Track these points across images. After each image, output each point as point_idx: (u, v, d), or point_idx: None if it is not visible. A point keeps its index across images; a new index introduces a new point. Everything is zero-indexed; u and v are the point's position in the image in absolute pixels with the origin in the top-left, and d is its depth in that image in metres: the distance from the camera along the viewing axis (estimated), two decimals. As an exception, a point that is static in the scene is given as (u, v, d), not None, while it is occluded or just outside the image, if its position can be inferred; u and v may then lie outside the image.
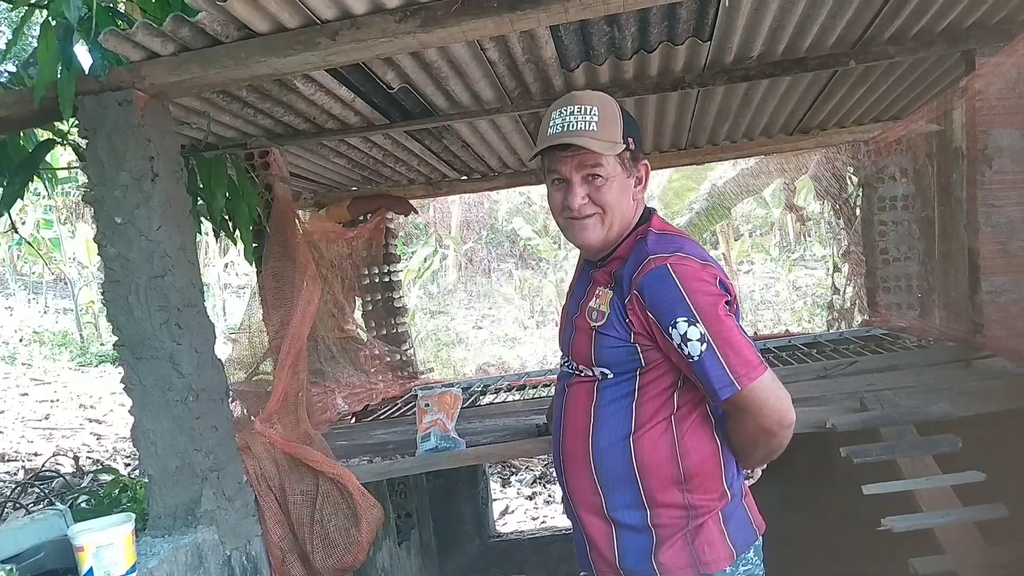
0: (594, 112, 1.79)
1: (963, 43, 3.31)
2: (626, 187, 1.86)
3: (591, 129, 1.77)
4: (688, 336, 1.69)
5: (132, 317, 2.53)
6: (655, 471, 1.80)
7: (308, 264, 3.53)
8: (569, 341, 1.93)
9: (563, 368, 2.00)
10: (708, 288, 1.72)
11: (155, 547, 2.46)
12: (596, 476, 1.86)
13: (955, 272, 3.96)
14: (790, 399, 1.77)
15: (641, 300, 1.73)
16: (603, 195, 1.82)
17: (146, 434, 2.59)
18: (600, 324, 1.81)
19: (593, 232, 1.86)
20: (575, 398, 1.92)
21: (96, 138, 2.50)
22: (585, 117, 1.79)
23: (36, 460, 7.04)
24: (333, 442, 3.34)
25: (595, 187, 1.82)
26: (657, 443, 1.80)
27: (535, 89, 3.46)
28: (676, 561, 1.80)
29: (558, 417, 1.99)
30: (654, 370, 1.80)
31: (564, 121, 1.80)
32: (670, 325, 1.70)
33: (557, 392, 2.04)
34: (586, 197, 1.83)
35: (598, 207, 1.83)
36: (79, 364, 12.15)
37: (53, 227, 13.58)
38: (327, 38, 2.35)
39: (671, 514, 1.81)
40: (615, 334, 1.79)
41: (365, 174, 4.70)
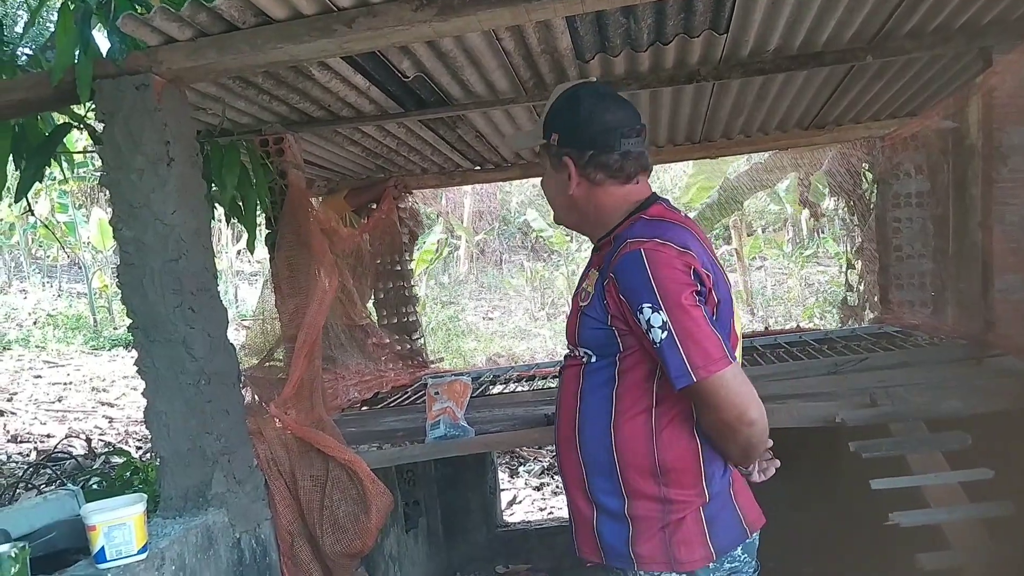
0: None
1: (981, 40, 3.30)
2: (558, 181, 1.94)
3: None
4: (652, 323, 1.70)
5: (146, 300, 2.55)
6: (632, 460, 1.82)
7: (324, 253, 3.54)
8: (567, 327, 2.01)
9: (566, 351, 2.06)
10: (677, 276, 1.71)
11: (166, 528, 2.49)
12: (581, 459, 1.89)
13: (968, 270, 3.94)
14: (755, 397, 1.75)
15: (616, 283, 1.75)
16: (542, 186, 2.04)
17: (158, 416, 2.61)
18: (585, 304, 1.85)
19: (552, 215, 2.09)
20: (567, 381, 1.96)
21: (113, 122, 2.51)
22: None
23: (49, 442, 7.10)
24: (343, 428, 3.36)
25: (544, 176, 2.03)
26: (636, 433, 1.81)
27: (550, 80, 3.46)
28: (652, 554, 1.81)
29: (557, 399, 2.04)
30: (632, 356, 1.80)
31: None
32: (637, 310, 1.71)
33: (559, 375, 2.08)
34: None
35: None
36: (92, 347, 12.23)
37: (68, 211, 13.66)
38: (343, 25, 2.36)
39: (647, 506, 1.82)
40: (595, 315, 1.83)
41: (379, 162, 4.71)
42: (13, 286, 16.26)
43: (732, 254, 16.19)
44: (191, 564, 2.44)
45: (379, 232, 5.12)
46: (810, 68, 3.44)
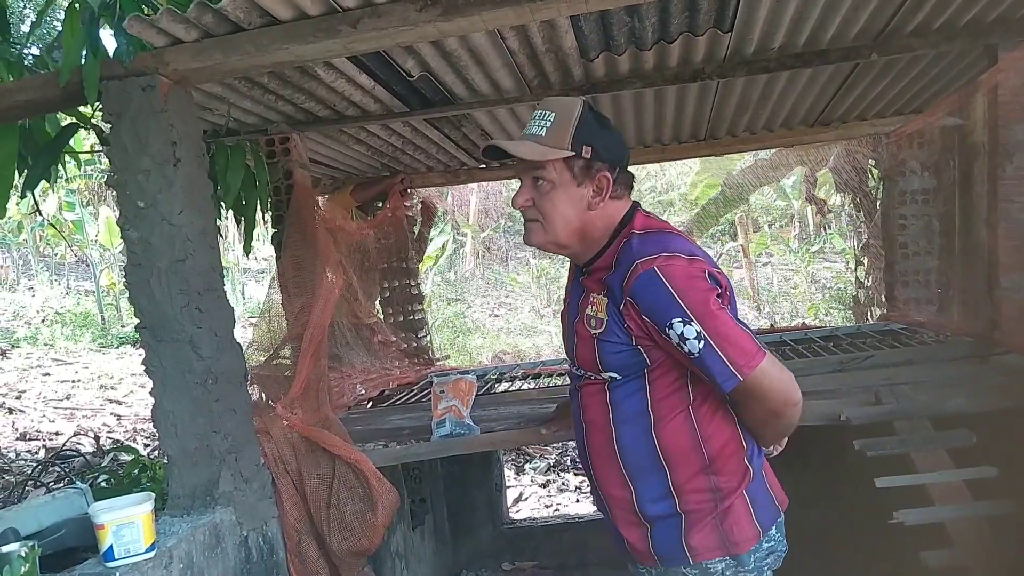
0: (550, 117, 1.83)
1: (986, 37, 3.29)
2: (575, 196, 1.86)
3: (540, 134, 1.82)
4: (685, 335, 1.71)
5: (153, 300, 2.57)
6: (681, 460, 1.83)
7: (330, 252, 3.56)
8: (573, 348, 1.96)
9: (571, 371, 2.03)
10: (698, 284, 1.74)
11: (174, 526, 2.50)
12: (624, 470, 1.88)
13: (973, 268, 3.93)
14: (792, 377, 1.80)
15: (635, 306, 1.75)
16: (544, 202, 1.87)
17: (166, 415, 2.63)
18: (600, 331, 1.83)
19: (534, 236, 1.93)
20: (589, 399, 1.94)
21: (120, 123, 2.53)
22: (540, 122, 1.84)
23: (57, 439, 7.14)
24: (349, 427, 3.38)
25: (539, 192, 1.87)
26: (679, 433, 1.83)
27: (555, 79, 3.46)
28: (706, 542, 1.83)
29: (576, 416, 2.02)
30: (661, 366, 1.82)
31: (528, 124, 1.88)
32: (666, 326, 1.72)
33: (571, 392, 2.06)
34: (530, 200, 1.89)
35: (539, 213, 1.89)
36: (100, 345, 12.29)
37: (75, 209, 13.72)
38: (348, 26, 2.37)
39: (699, 498, 1.83)
40: (617, 339, 1.81)
41: (384, 161, 4.73)
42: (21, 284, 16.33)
43: (738, 250, 16.18)
44: (199, 562, 2.45)
45: (385, 229, 5.13)
46: (815, 66, 3.44)
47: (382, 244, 5.19)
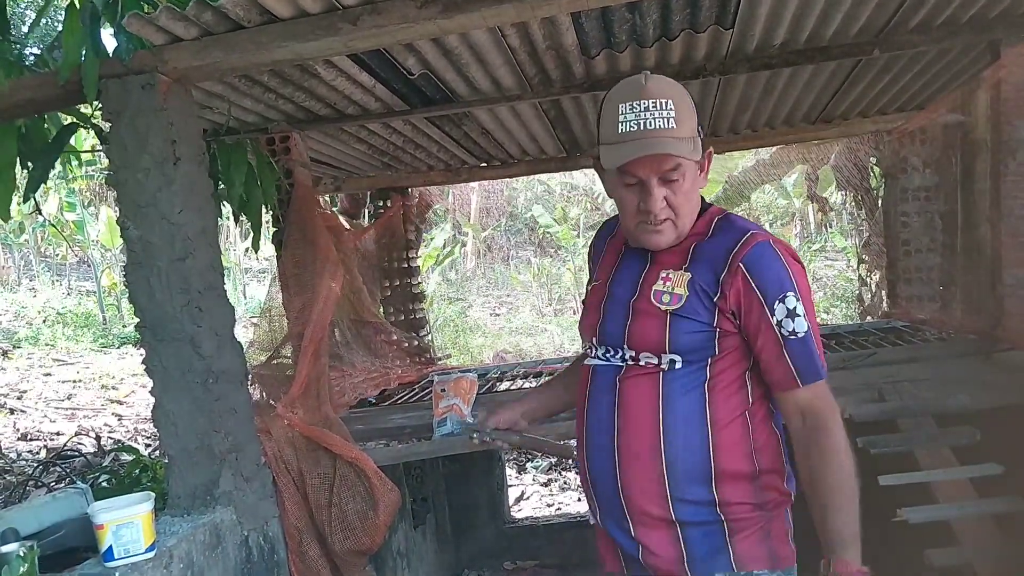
0: (670, 107, 1.62)
1: (989, 33, 3.28)
2: (698, 182, 1.73)
3: (670, 127, 1.61)
4: (796, 312, 1.64)
5: (153, 299, 2.56)
6: (733, 466, 1.71)
7: (330, 251, 3.55)
8: (623, 328, 1.75)
9: (603, 360, 1.82)
10: (801, 271, 1.71)
11: (174, 526, 2.50)
12: (666, 472, 1.70)
13: (976, 265, 3.92)
14: None
15: (747, 276, 1.65)
16: (678, 197, 1.68)
17: (166, 415, 2.62)
18: (676, 307, 1.68)
19: (666, 237, 1.72)
20: (635, 392, 1.74)
21: (119, 121, 2.52)
22: (662, 113, 1.62)
23: (58, 439, 7.13)
24: (351, 426, 3.37)
25: (672, 188, 1.67)
26: (736, 438, 1.72)
27: (556, 76, 3.45)
28: (753, 552, 1.72)
29: (601, 407, 1.80)
30: (725, 359, 1.71)
31: (639, 119, 1.62)
32: (777, 299, 1.64)
33: (595, 389, 1.82)
34: (664, 200, 1.68)
35: (672, 210, 1.69)
36: (101, 345, 12.28)
37: (76, 209, 13.71)
38: (348, 23, 2.36)
39: (745, 510, 1.72)
40: (697, 317, 1.68)
41: (385, 160, 4.71)
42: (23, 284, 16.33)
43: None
44: (199, 562, 2.44)
45: (384, 229, 5.14)
46: (817, 62, 3.42)
47: (383, 243, 5.19)
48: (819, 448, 1.67)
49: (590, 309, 1.88)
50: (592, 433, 1.81)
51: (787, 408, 1.72)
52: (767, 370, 1.70)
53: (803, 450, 1.70)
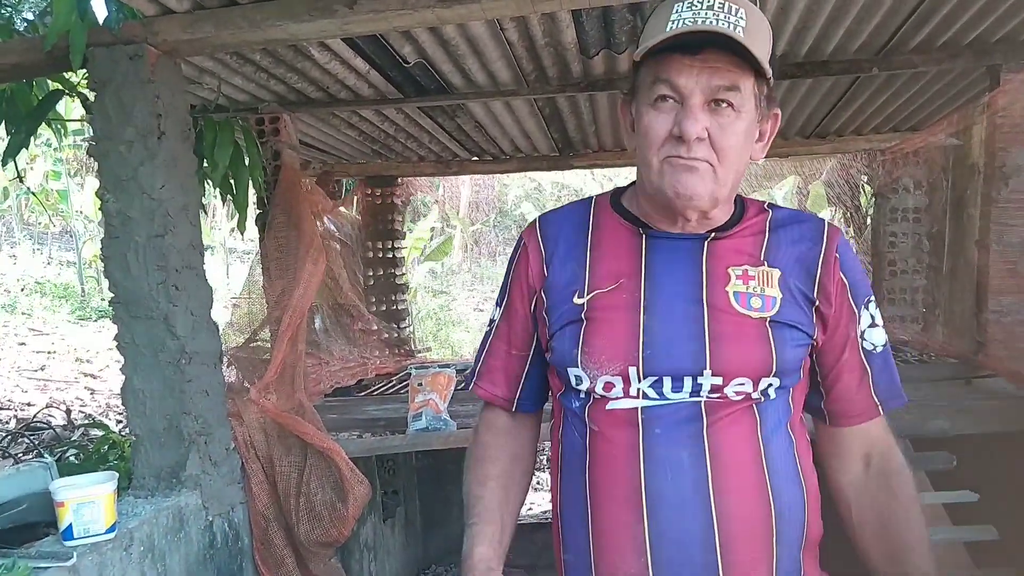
0: (740, 14, 1.16)
1: (989, 58, 3.27)
2: (752, 134, 1.26)
3: (736, 34, 1.14)
4: (876, 322, 1.32)
5: (129, 275, 2.51)
6: (816, 533, 1.34)
7: (314, 236, 3.50)
8: (701, 344, 1.23)
9: (656, 399, 1.24)
10: None
11: (137, 507, 2.45)
12: (777, 547, 1.25)
13: (961, 289, 3.93)
14: None
15: (843, 273, 1.29)
16: (727, 135, 1.19)
17: (136, 394, 2.57)
18: (773, 313, 1.25)
19: (702, 183, 1.20)
20: (733, 438, 1.24)
21: (105, 91, 2.47)
22: (729, 17, 1.15)
23: (29, 410, 7.04)
24: (325, 415, 3.33)
25: (720, 120, 1.18)
26: (818, 495, 1.34)
27: (552, 74, 3.42)
28: None
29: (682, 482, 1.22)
30: (800, 386, 1.32)
31: (697, 16, 1.15)
32: (863, 304, 1.31)
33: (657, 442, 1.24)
34: (705, 131, 1.18)
35: (714, 152, 1.19)
36: (78, 317, 12.16)
37: (61, 179, 13.57)
38: (345, 6, 2.32)
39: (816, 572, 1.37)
40: (800, 325, 1.26)
41: (375, 147, 4.67)
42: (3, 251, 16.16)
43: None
44: (160, 545, 2.40)
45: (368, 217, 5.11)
46: (815, 76, 3.41)
47: (369, 231, 5.15)
48: (905, 497, 1.33)
49: (605, 324, 1.27)
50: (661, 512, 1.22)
51: (851, 447, 1.35)
52: (841, 397, 1.33)
53: (873, 502, 1.34)
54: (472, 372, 1.47)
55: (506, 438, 1.46)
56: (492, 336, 1.45)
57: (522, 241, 1.41)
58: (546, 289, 1.34)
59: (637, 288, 1.28)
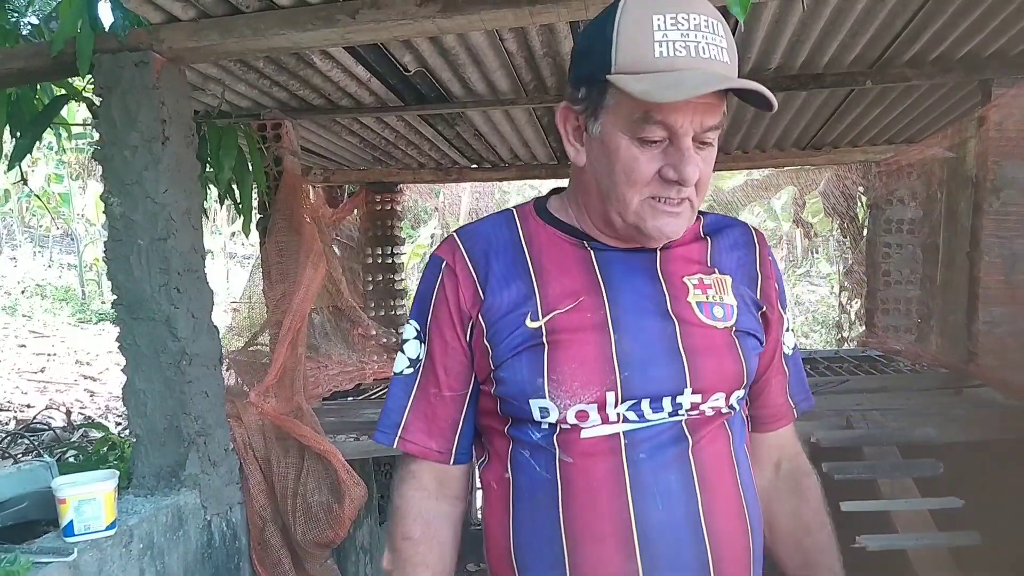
0: (721, 32, 1.06)
1: (981, 72, 3.32)
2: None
3: (725, 60, 1.05)
4: (789, 324, 1.30)
5: (131, 277, 2.55)
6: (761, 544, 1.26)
7: (314, 241, 3.55)
8: (679, 362, 1.14)
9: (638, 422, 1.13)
10: None
11: (137, 506, 2.49)
12: (753, 563, 1.21)
13: (955, 300, 3.97)
14: None
15: (775, 273, 1.26)
16: (707, 169, 1.12)
17: (136, 394, 2.61)
18: (733, 322, 1.18)
19: (685, 222, 1.14)
20: (714, 455, 1.17)
21: (110, 96, 2.51)
22: (714, 39, 1.05)
23: (29, 412, 7.08)
24: (323, 418, 3.36)
25: (704, 156, 1.10)
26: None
27: (551, 83, 3.46)
28: None
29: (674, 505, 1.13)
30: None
31: (687, 40, 1.03)
32: (784, 307, 1.28)
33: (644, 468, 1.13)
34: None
35: (694, 188, 1.11)
36: (79, 320, 12.20)
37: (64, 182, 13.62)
38: (347, 16, 2.36)
39: None
40: (756, 332, 1.22)
41: (376, 154, 4.72)
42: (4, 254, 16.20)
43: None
44: (159, 543, 2.44)
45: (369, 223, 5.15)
46: (810, 89, 3.45)
47: (368, 236, 5.19)
48: (814, 500, 1.32)
49: (573, 348, 1.13)
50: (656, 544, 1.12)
51: (767, 452, 1.33)
52: (768, 403, 1.31)
53: (785, 506, 1.32)
54: (387, 425, 1.24)
55: (441, 505, 1.29)
56: (418, 378, 1.22)
57: (442, 262, 1.21)
58: (484, 314, 1.16)
59: (600, 305, 1.15)
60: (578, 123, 1.16)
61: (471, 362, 1.19)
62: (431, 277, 1.21)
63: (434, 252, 1.23)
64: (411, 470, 1.26)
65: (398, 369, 1.24)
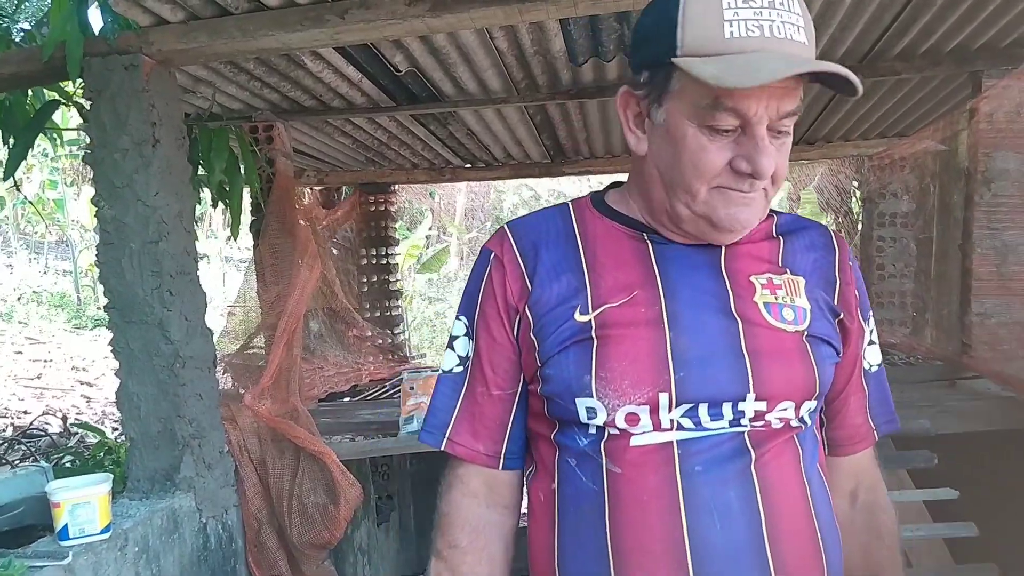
0: (797, 10, 0.96)
1: (970, 64, 3.32)
2: None
3: (802, 41, 0.96)
4: (873, 338, 1.19)
5: (124, 281, 2.55)
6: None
7: (308, 242, 3.55)
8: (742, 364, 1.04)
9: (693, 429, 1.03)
10: None
11: (131, 509, 2.49)
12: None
13: (948, 292, 3.97)
14: None
15: (858, 283, 1.16)
16: (783, 159, 1.03)
17: (130, 397, 2.61)
18: (806, 326, 1.07)
19: (758, 212, 1.05)
20: (780, 471, 1.05)
21: (100, 100, 2.51)
22: (790, 17, 0.95)
23: (25, 418, 7.06)
24: (318, 418, 3.36)
25: (779, 144, 1.02)
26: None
27: (542, 81, 3.47)
28: None
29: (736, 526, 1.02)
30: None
31: (760, 19, 0.94)
32: (867, 319, 1.17)
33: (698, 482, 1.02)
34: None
35: (770, 178, 1.03)
36: (75, 326, 12.18)
37: (58, 188, 13.60)
38: (336, 16, 2.37)
39: None
40: (831, 339, 1.10)
41: (369, 155, 4.72)
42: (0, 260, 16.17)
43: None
44: (155, 546, 2.43)
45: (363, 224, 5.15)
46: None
47: (362, 238, 5.20)
48: (889, 539, 1.19)
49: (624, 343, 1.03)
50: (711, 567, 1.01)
51: (841, 479, 1.19)
52: (845, 423, 1.18)
53: (856, 541, 1.17)
54: (434, 425, 1.16)
55: (491, 514, 1.18)
56: (467, 376, 1.14)
57: (491, 254, 1.14)
58: (532, 306, 1.08)
59: (655, 300, 1.05)
60: (639, 110, 1.06)
61: (519, 359, 1.11)
62: (480, 270, 1.14)
63: (486, 246, 1.15)
64: (458, 474, 1.17)
65: (447, 367, 1.16)
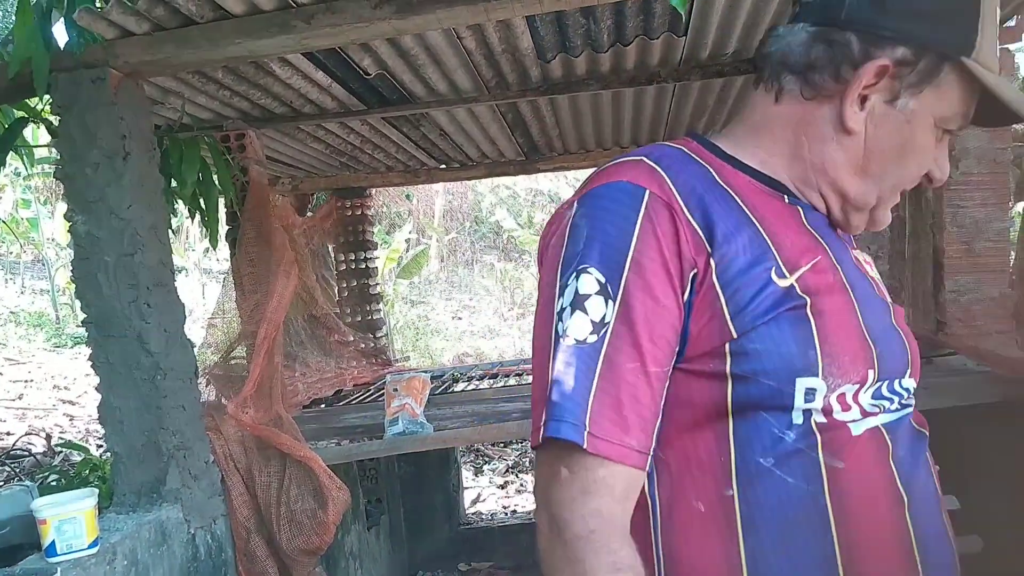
0: None
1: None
2: None
3: None
4: None
5: (100, 295, 2.54)
6: None
7: (285, 249, 3.54)
8: (903, 343, 0.99)
9: (893, 411, 0.95)
10: None
11: (119, 523, 2.48)
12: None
13: (923, 271, 4.02)
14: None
15: None
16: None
17: (112, 412, 2.60)
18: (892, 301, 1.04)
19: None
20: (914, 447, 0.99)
21: (69, 115, 2.50)
22: None
23: (8, 439, 7.01)
24: (303, 425, 3.36)
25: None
26: None
27: (512, 79, 3.48)
28: None
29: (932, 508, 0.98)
30: None
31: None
32: None
33: (905, 462, 0.95)
34: None
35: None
36: (54, 345, 12.10)
37: (32, 207, 13.48)
38: (302, 21, 2.36)
39: None
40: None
41: (343, 160, 4.71)
42: (-25, 282, 16.01)
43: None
44: (143, 559, 2.43)
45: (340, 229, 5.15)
46: (768, 70, 3.48)
47: (340, 243, 5.20)
48: None
49: (835, 315, 0.91)
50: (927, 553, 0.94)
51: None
52: None
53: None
54: (567, 412, 0.86)
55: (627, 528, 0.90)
56: (606, 347, 0.87)
57: (644, 192, 0.90)
58: (717, 264, 0.88)
59: (833, 266, 0.95)
60: (875, 84, 0.93)
61: (683, 329, 0.90)
62: (626, 210, 0.89)
63: (624, 180, 0.91)
64: (600, 477, 0.86)
65: (579, 336, 0.87)
